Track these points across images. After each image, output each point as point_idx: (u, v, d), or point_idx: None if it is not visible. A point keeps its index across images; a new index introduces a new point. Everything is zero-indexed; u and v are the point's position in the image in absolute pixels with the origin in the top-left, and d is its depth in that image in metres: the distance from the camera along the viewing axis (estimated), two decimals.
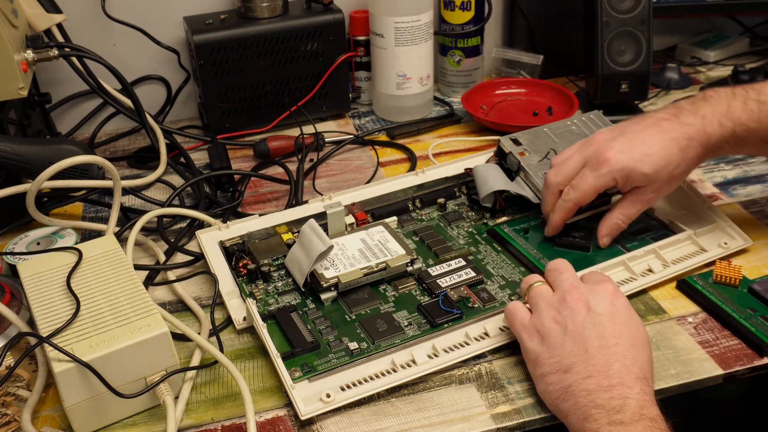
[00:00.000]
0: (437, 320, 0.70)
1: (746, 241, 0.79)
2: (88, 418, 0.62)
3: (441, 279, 0.75)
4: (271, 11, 1.06)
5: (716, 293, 0.73)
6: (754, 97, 0.71)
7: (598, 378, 0.57)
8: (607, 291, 0.63)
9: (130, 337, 0.61)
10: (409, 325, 0.70)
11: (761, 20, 1.34)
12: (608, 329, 0.60)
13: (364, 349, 0.67)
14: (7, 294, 0.74)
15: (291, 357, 0.67)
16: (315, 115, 1.13)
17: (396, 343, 0.68)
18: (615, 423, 0.55)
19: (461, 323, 0.70)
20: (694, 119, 0.72)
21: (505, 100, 1.17)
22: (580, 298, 0.62)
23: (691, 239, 0.79)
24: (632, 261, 0.76)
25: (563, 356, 0.60)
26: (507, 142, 0.87)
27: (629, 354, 0.59)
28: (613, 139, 0.74)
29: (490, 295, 0.73)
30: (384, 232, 0.80)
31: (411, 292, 0.75)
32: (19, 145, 0.81)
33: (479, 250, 0.80)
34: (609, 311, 0.61)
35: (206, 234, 0.82)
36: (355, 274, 0.73)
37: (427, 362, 0.66)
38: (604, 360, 0.58)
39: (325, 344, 0.68)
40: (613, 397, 0.56)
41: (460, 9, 1.16)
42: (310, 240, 0.73)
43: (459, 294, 0.73)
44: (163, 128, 1.02)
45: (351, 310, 0.72)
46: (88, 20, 1.08)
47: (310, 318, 0.71)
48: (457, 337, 0.69)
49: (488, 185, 0.83)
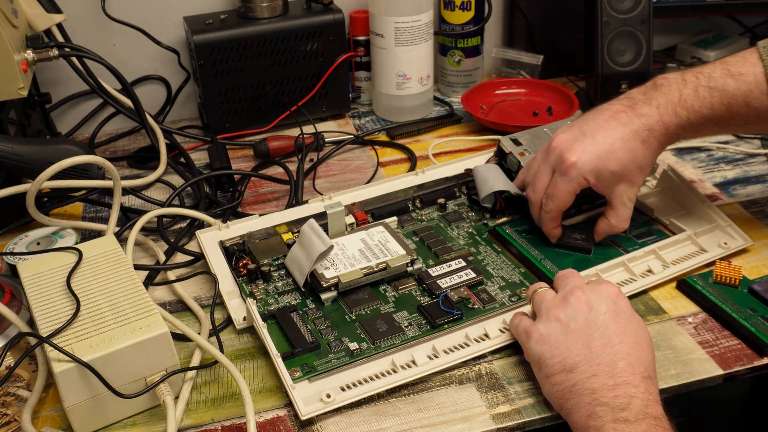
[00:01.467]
0: (437, 321, 0.70)
1: (746, 241, 0.79)
2: (88, 418, 0.62)
3: (441, 280, 0.75)
4: (271, 11, 1.06)
5: (716, 293, 0.73)
6: (704, 83, 0.71)
7: (602, 377, 0.57)
8: (609, 291, 0.63)
9: (130, 337, 0.61)
10: (410, 326, 0.70)
11: (761, 20, 1.34)
12: (612, 328, 0.60)
13: (364, 350, 0.67)
14: (7, 294, 0.74)
15: (291, 357, 0.67)
16: (315, 115, 1.13)
17: (396, 343, 0.68)
18: (619, 420, 0.55)
19: (461, 324, 0.70)
20: (649, 110, 0.72)
21: (505, 100, 1.17)
22: (582, 297, 0.62)
23: (691, 239, 0.79)
24: (632, 262, 0.76)
25: (567, 355, 0.60)
26: (507, 142, 0.87)
27: (634, 352, 0.59)
28: (575, 139, 0.74)
29: (490, 296, 0.73)
30: (384, 232, 0.80)
31: (411, 293, 0.75)
32: (19, 145, 0.81)
33: (479, 251, 0.80)
34: (612, 310, 0.61)
35: (206, 234, 0.82)
36: (356, 274, 0.73)
37: (427, 363, 0.66)
38: (609, 359, 0.58)
39: (325, 344, 0.68)
40: (618, 396, 0.56)
41: (460, 9, 1.16)
42: (310, 240, 0.73)
43: (459, 295, 0.73)
44: (163, 128, 1.02)
45: (351, 311, 0.72)
46: (88, 20, 1.08)
47: (310, 318, 0.71)
48: (457, 338, 0.69)
49: (488, 186, 0.83)
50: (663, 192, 0.88)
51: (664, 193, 0.88)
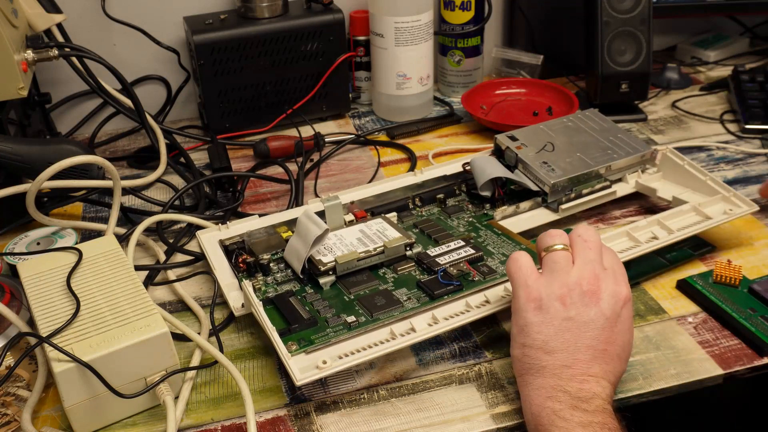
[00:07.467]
0: (436, 292, 0.69)
1: (750, 206, 0.79)
2: (88, 418, 0.62)
3: (440, 258, 0.74)
4: (271, 11, 1.06)
5: (716, 293, 0.73)
6: None
7: (575, 371, 0.57)
8: (620, 296, 0.61)
9: (130, 337, 0.61)
10: (409, 300, 0.69)
11: (761, 20, 1.34)
12: (605, 334, 0.60)
13: (362, 323, 0.66)
14: (7, 294, 0.74)
15: (288, 334, 0.66)
16: (315, 115, 1.13)
17: (395, 315, 0.67)
18: (578, 408, 0.55)
19: (461, 294, 0.69)
20: None
21: (505, 100, 1.17)
22: (596, 293, 0.60)
23: (695, 210, 0.79)
24: (636, 231, 0.76)
25: (552, 338, 0.59)
26: (503, 138, 0.88)
27: (612, 362, 0.59)
28: None
29: (490, 269, 0.72)
30: (382, 222, 0.79)
31: (410, 273, 0.74)
32: (19, 145, 0.81)
33: (480, 235, 0.80)
34: (614, 317, 0.60)
35: (206, 234, 0.82)
36: (353, 256, 0.73)
37: (426, 329, 0.65)
38: (589, 358, 0.58)
39: (322, 321, 0.67)
40: (584, 390, 0.56)
41: (460, 9, 1.16)
42: (306, 227, 0.73)
43: (459, 269, 0.72)
44: (163, 128, 1.02)
45: (350, 291, 0.71)
46: (88, 20, 1.08)
47: (308, 301, 0.71)
48: (457, 307, 0.68)
49: (486, 174, 0.84)
50: (665, 176, 0.88)
51: (666, 176, 0.88)
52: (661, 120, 1.11)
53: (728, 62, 1.28)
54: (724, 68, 1.27)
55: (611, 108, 1.08)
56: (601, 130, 0.91)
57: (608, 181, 0.85)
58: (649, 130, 1.08)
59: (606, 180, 0.85)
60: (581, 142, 0.89)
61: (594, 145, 0.88)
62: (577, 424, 0.54)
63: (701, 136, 1.06)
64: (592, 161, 0.85)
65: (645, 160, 0.88)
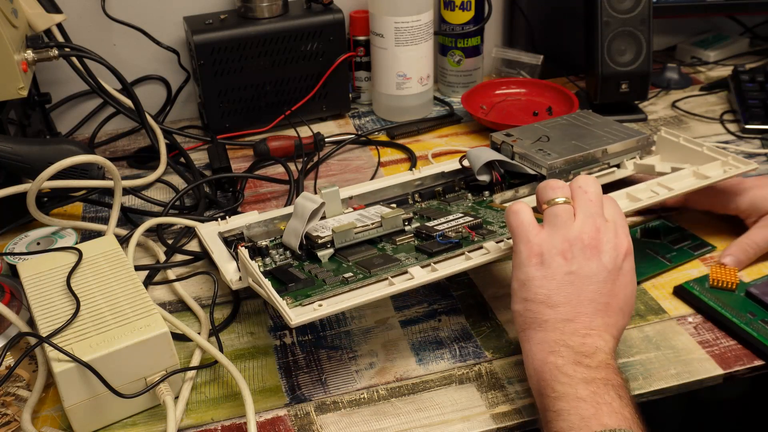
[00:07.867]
0: (435, 250, 0.69)
1: (748, 165, 0.79)
2: (88, 418, 0.62)
3: (439, 226, 0.74)
4: (271, 11, 1.06)
5: (714, 298, 0.72)
6: None
7: (578, 325, 0.57)
8: (621, 248, 0.61)
9: (130, 337, 0.61)
10: (407, 260, 0.69)
11: (761, 20, 1.34)
12: (607, 286, 0.59)
13: (359, 278, 0.66)
14: (7, 294, 0.74)
15: (285, 291, 0.65)
16: (315, 115, 1.13)
17: (393, 270, 0.67)
18: (581, 364, 0.55)
19: (460, 251, 0.69)
20: None
21: (505, 100, 1.17)
22: (597, 247, 0.60)
23: (694, 173, 0.80)
24: (636, 192, 0.77)
25: (554, 292, 0.59)
26: (499, 135, 0.89)
27: (614, 315, 0.59)
28: None
29: (490, 231, 0.72)
30: (381, 208, 0.80)
31: (409, 243, 0.74)
32: (19, 145, 0.81)
33: (479, 213, 0.80)
34: (616, 269, 0.60)
35: (206, 228, 0.81)
36: (350, 226, 0.72)
37: (425, 275, 0.65)
38: (591, 311, 0.58)
39: (320, 282, 0.67)
40: (586, 344, 0.56)
41: (460, 9, 1.16)
42: (303, 206, 0.73)
43: (458, 232, 0.72)
44: (163, 128, 1.02)
45: (348, 260, 0.71)
46: (88, 20, 1.08)
47: (306, 270, 0.70)
48: (456, 263, 0.68)
49: (482, 159, 0.84)
50: (663, 158, 0.89)
51: (664, 158, 0.89)
52: (661, 120, 1.11)
53: (728, 62, 1.28)
54: (724, 68, 1.27)
55: (611, 108, 1.08)
56: (596, 124, 0.92)
57: (607, 164, 0.85)
58: (649, 130, 1.08)
59: (605, 164, 0.86)
60: (576, 133, 0.90)
61: (589, 134, 0.89)
62: (580, 380, 0.54)
63: (701, 136, 1.06)
64: (587, 146, 0.86)
65: (641, 145, 0.89)
